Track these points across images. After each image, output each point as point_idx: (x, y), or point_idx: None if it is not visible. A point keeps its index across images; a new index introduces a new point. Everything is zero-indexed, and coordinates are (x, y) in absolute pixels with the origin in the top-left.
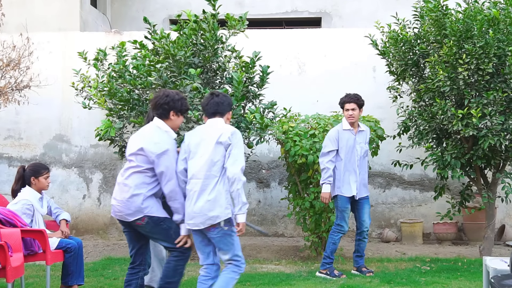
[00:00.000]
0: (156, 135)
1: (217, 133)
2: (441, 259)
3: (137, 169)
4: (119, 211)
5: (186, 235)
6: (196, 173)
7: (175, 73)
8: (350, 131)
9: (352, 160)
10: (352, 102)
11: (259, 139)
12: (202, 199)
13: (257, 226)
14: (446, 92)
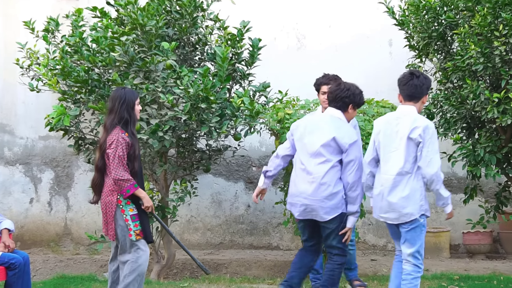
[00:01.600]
0: (343, 125)
1: (409, 126)
2: (472, 276)
3: (330, 164)
4: (312, 210)
5: (350, 228)
6: (388, 169)
7: (144, 47)
8: None
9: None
10: (330, 84)
11: (248, 129)
12: (395, 195)
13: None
14: (478, 72)
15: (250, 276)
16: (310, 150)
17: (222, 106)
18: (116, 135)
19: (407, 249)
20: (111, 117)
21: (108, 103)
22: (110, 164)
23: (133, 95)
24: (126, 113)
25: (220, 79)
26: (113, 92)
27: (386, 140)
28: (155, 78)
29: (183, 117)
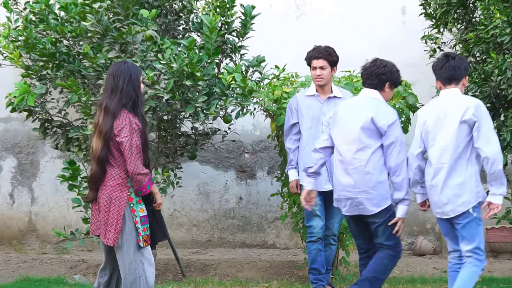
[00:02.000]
0: (380, 104)
1: (460, 109)
2: (497, 278)
3: (371, 150)
4: (358, 204)
5: (402, 218)
6: (439, 157)
7: (120, 15)
8: (315, 97)
9: (315, 137)
10: (321, 57)
11: (240, 110)
12: (450, 185)
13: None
14: (504, 44)
15: (242, 279)
16: (347, 137)
17: (210, 84)
18: (127, 120)
19: (467, 247)
20: (116, 97)
21: (108, 80)
22: (126, 155)
23: (138, 71)
24: (133, 93)
25: (207, 52)
26: (114, 67)
27: (434, 128)
28: (133, 51)
29: (165, 96)
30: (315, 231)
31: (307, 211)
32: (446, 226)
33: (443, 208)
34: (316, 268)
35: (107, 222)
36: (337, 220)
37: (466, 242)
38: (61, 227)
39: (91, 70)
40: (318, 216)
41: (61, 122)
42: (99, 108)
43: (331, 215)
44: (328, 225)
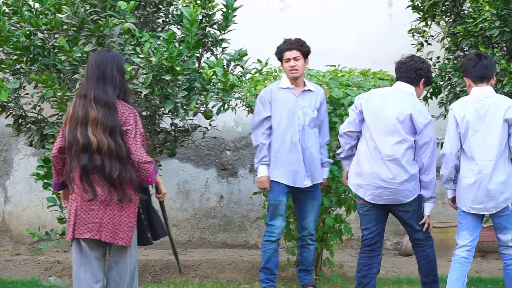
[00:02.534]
0: (417, 102)
1: (501, 108)
2: (485, 279)
3: (407, 144)
4: (390, 194)
5: (429, 216)
6: (484, 155)
7: (97, 7)
8: (289, 90)
9: (290, 132)
10: (293, 48)
11: (221, 105)
12: (495, 182)
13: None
14: (494, 37)
15: (223, 280)
16: (387, 129)
17: (190, 78)
18: (128, 109)
19: (506, 236)
20: (108, 88)
21: (91, 69)
22: (131, 144)
23: (122, 60)
24: (121, 83)
25: (187, 45)
26: (99, 56)
27: (475, 125)
28: (110, 44)
29: (144, 91)
30: (276, 232)
31: (272, 208)
32: (473, 221)
33: (485, 204)
34: (269, 268)
35: (120, 222)
36: (312, 219)
37: (506, 231)
38: (35, 227)
39: (67, 64)
40: (281, 216)
41: (35, 118)
42: (81, 98)
43: (305, 214)
44: (304, 225)
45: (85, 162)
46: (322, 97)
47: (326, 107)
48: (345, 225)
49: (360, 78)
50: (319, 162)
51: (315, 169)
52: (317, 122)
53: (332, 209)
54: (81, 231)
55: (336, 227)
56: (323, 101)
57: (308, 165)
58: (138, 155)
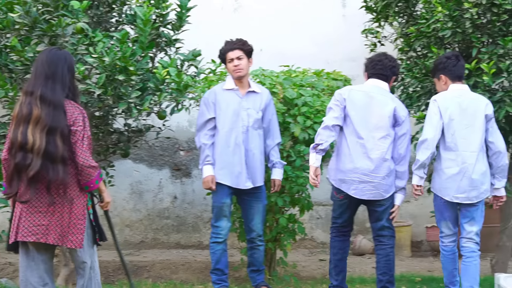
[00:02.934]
0: (395, 97)
1: (480, 104)
2: (437, 278)
3: (391, 139)
4: (373, 189)
5: (399, 206)
6: (468, 146)
7: (49, 7)
8: (234, 92)
9: (234, 133)
10: (235, 48)
11: (175, 105)
12: (477, 172)
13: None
14: (446, 38)
15: (176, 281)
16: (373, 124)
17: (144, 78)
18: (77, 109)
19: (472, 228)
20: (57, 87)
21: (41, 66)
22: (78, 146)
23: (73, 59)
24: (71, 83)
25: (141, 45)
26: (50, 53)
27: (458, 117)
28: (63, 44)
29: (97, 91)
30: (223, 233)
31: (216, 210)
32: (454, 210)
33: (468, 193)
34: (220, 269)
35: (68, 224)
36: (259, 220)
37: (473, 223)
38: None
39: (19, 64)
40: (226, 217)
41: None
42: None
43: (251, 216)
44: (251, 227)
45: (18, 160)
46: (268, 98)
47: (273, 108)
48: (298, 225)
49: (314, 79)
50: (262, 165)
51: (257, 171)
52: (262, 123)
53: (286, 209)
54: (25, 234)
55: (290, 227)
56: (268, 103)
57: (250, 167)
58: (82, 158)
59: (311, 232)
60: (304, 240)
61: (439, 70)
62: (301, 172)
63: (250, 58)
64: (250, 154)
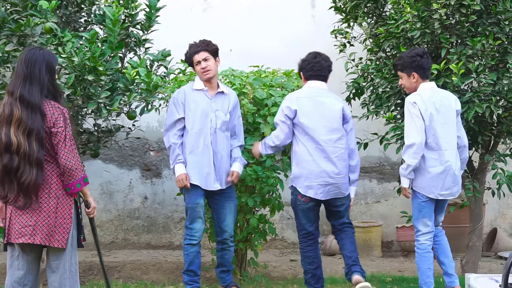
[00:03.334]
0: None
1: (451, 99)
2: (407, 278)
3: (345, 138)
4: (336, 189)
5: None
6: (449, 143)
7: (18, 7)
8: (203, 92)
9: (203, 134)
10: (200, 50)
11: (144, 106)
12: (457, 168)
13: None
14: (415, 39)
15: (147, 281)
16: (326, 127)
17: (113, 79)
18: (58, 109)
19: (442, 217)
20: (34, 88)
21: (20, 66)
22: (60, 147)
23: (54, 59)
24: (50, 83)
25: (110, 45)
26: (28, 53)
27: (437, 116)
28: (32, 44)
29: (66, 92)
30: (197, 235)
31: (190, 212)
32: (432, 207)
33: (451, 189)
34: (192, 270)
35: (55, 224)
36: (231, 220)
37: (442, 213)
38: None
39: None
40: (200, 218)
41: None
42: (9, 95)
43: (223, 217)
44: (223, 228)
45: (5, 162)
46: (235, 100)
47: (239, 110)
48: (269, 226)
49: (284, 79)
50: (229, 166)
51: (224, 173)
52: (229, 125)
53: (256, 209)
54: (16, 236)
55: (261, 228)
56: (235, 105)
57: (218, 168)
58: (64, 159)
59: (282, 232)
60: (275, 241)
61: (412, 67)
62: (272, 172)
63: (217, 58)
64: (218, 156)
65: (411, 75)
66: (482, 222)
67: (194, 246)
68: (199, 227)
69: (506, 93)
